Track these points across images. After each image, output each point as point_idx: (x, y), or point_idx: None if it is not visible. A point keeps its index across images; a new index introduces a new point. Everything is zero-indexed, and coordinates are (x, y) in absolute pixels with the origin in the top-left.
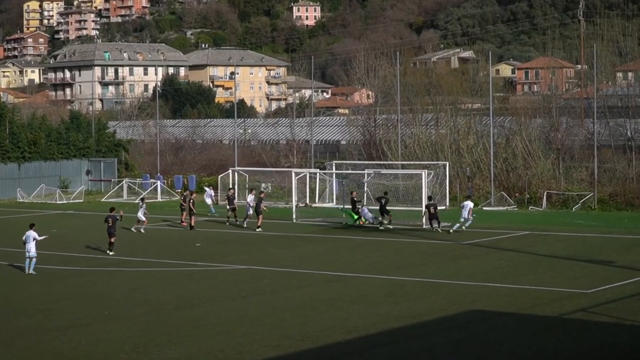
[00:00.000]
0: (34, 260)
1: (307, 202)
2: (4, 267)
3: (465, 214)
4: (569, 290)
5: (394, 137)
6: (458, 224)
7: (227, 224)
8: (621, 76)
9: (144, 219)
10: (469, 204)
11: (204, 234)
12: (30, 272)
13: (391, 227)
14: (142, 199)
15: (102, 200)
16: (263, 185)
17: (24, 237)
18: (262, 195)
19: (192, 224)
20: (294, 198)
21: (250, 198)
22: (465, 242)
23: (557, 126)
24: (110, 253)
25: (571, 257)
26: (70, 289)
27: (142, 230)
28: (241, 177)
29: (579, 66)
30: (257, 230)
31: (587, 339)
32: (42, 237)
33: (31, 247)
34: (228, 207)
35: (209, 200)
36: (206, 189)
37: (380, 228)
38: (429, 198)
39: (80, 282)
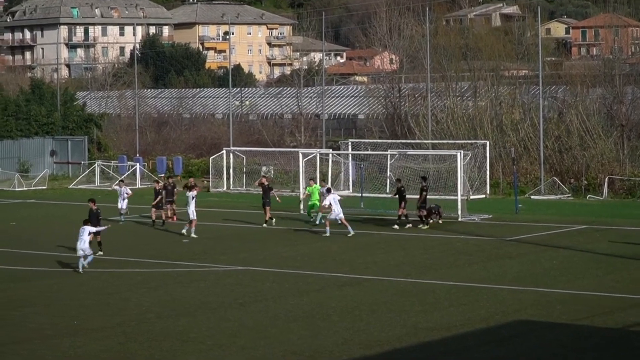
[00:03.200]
0: (90, 257)
1: None
2: None
3: None
4: (634, 297)
5: (423, 111)
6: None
7: (265, 225)
8: None
9: (193, 216)
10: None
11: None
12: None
13: (425, 227)
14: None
15: (70, 187)
16: (264, 168)
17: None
18: (264, 181)
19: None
20: (302, 185)
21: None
22: (509, 238)
23: (621, 97)
24: (99, 253)
25: (638, 257)
26: (31, 293)
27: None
28: (237, 159)
29: None
30: (266, 225)
31: None
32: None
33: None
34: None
35: (122, 203)
36: (117, 187)
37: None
38: (423, 179)
39: (43, 285)
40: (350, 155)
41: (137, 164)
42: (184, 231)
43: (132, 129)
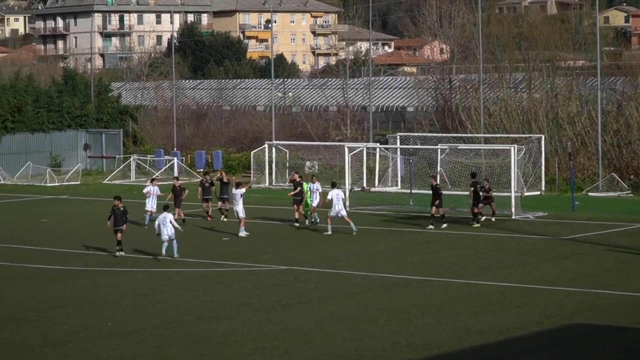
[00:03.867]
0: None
1: (364, 185)
2: None
3: None
4: None
5: (475, 103)
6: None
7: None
8: None
9: (242, 215)
10: None
11: (232, 226)
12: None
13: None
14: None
15: (104, 182)
16: (308, 163)
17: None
18: (296, 177)
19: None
20: (347, 181)
21: (316, 186)
22: (565, 236)
23: None
24: (119, 254)
25: None
26: (64, 294)
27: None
28: (280, 154)
29: None
30: (298, 224)
31: None
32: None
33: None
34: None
35: (150, 205)
36: (150, 186)
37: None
38: (473, 175)
39: (77, 285)
40: (398, 149)
41: (175, 158)
42: (242, 234)
43: (169, 122)
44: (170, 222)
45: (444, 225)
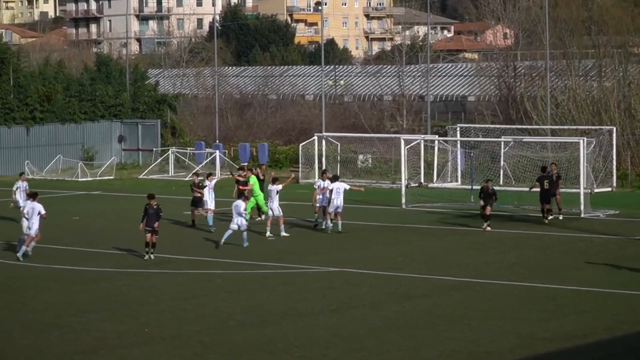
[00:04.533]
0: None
1: (422, 181)
2: (10, 266)
3: None
4: None
5: (541, 92)
6: None
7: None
8: None
9: (279, 212)
10: None
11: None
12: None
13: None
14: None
15: (140, 177)
16: (360, 157)
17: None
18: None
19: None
20: (404, 176)
21: (325, 183)
22: (639, 236)
23: None
24: (148, 257)
25: None
26: (96, 297)
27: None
28: (330, 147)
29: None
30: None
31: None
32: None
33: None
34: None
35: (210, 201)
36: (207, 181)
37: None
38: (543, 169)
39: (110, 288)
40: (458, 142)
41: (217, 151)
42: (268, 233)
43: (210, 112)
44: (242, 212)
45: (488, 228)
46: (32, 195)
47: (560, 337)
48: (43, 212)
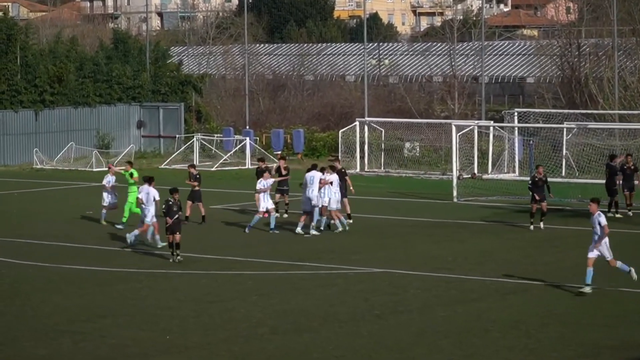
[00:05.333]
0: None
1: (475, 171)
2: (18, 266)
3: None
4: None
5: (608, 74)
6: None
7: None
8: None
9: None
10: None
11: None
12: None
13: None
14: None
15: (161, 166)
16: (407, 145)
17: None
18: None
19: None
20: (455, 166)
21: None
22: None
23: None
24: (173, 260)
25: None
26: (112, 300)
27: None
28: (374, 133)
29: None
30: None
31: None
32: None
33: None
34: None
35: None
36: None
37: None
38: (611, 158)
39: (128, 290)
40: (516, 128)
41: (247, 138)
42: (299, 229)
43: (240, 95)
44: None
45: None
46: (148, 180)
47: (629, 345)
48: (157, 197)
